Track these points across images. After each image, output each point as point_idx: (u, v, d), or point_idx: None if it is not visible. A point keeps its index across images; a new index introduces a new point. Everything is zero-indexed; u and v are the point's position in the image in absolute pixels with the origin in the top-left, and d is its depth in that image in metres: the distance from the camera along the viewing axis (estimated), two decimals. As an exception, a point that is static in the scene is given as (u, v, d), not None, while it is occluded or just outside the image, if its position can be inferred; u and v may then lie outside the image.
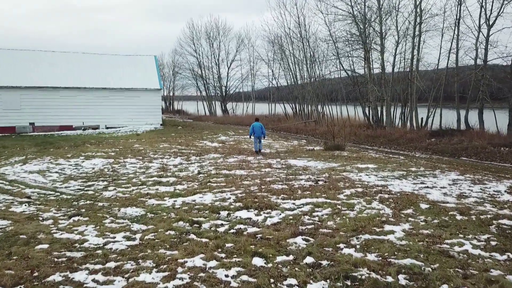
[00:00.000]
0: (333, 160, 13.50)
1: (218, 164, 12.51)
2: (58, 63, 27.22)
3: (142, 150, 16.05)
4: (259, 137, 15.20)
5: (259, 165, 12.17)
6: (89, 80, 26.71)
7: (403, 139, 19.98)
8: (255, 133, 15.16)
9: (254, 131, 15.18)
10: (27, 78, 25.38)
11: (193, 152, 15.36)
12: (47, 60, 27.17)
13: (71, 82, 26.18)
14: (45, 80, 25.65)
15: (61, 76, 26.32)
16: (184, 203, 7.84)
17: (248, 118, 36.72)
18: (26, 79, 25.27)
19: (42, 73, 26.07)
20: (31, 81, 25.31)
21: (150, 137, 20.92)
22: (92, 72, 27.52)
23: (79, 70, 27.30)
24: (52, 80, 25.84)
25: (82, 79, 26.61)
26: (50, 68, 26.63)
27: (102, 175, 11.03)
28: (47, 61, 27.13)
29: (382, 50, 23.72)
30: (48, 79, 25.76)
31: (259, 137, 15.20)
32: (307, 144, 19.33)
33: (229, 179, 9.89)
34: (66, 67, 27.13)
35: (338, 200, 7.75)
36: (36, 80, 25.47)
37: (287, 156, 14.57)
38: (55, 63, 27.15)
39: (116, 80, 27.41)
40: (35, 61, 26.85)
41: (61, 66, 27.05)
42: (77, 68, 27.43)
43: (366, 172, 10.91)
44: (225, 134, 23.26)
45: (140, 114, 27.55)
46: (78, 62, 27.99)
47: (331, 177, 10.01)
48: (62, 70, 26.78)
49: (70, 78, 26.37)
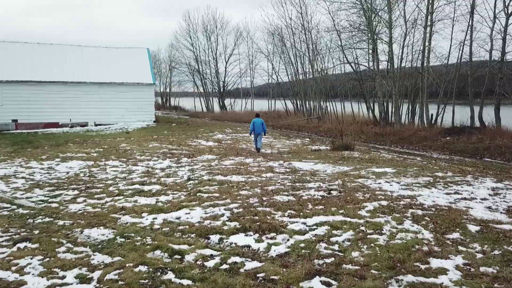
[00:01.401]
0: (343, 162, 11.88)
1: (212, 167, 10.88)
2: (43, 56, 25.45)
3: (129, 150, 14.41)
4: (259, 133, 14.06)
5: (259, 169, 10.54)
6: (77, 74, 24.97)
7: (415, 138, 18.39)
8: (255, 130, 14.02)
9: (254, 127, 14.01)
10: (9, 71, 23.62)
11: (185, 153, 13.73)
12: (31, 53, 25.40)
13: (58, 76, 24.43)
14: (29, 74, 23.89)
15: (47, 69, 24.55)
16: (166, 222, 6.22)
17: (246, 115, 35.09)
18: (8, 72, 23.50)
19: (25, 66, 24.31)
20: (13, 75, 23.55)
21: (140, 136, 19.27)
22: (80, 65, 25.78)
23: (66, 63, 25.54)
24: (37, 74, 24.08)
25: (69, 73, 24.86)
26: (35, 61, 24.86)
27: (75, 181, 9.39)
28: (32, 54, 25.36)
29: (390, 41, 22.07)
30: (33, 73, 24.01)
31: (259, 133, 14.06)
32: (311, 143, 17.71)
33: (224, 188, 8.26)
34: (52, 60, 25.37)
35: (360, 218, 6.13)
36: (19, 74, 23.71)
37: (290, 157, 12.95)
38: (40, 56, 25.38)
39: (106, 74, 25.68)
40: (18, 53, 25.08)
41: (46, 59, 25.28)
42: (64, 61, 25.67)
43: (385, 178, 9.30)
44: (222, 132, 21.63)
45: (131, 110, 25.84)
46: (65, 55, 26.23)
47: (346, 185, 8.39)
48: (48, 63, 25.01)
49: (56, 72, 24.62)
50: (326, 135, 22.26)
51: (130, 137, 18.92)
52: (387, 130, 20.45)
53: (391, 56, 22.03)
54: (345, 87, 28.59)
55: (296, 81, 30.79)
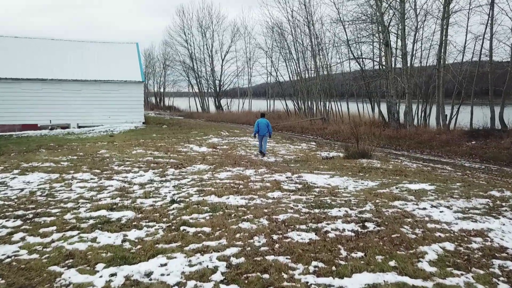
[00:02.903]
0: (364, 174, 9.77)
1: (204, 183, 8.72)
2: (20, 51, 23.18)
3: (107, 158, 12.21)
4: (263, 135, 12.83)
5: (263, 185, 8.40)
6: (58, 70, 22.72)
7: (436, 142, 16.30)
8: (259, 131, 12.83)
9: (259, 128, 12.82)
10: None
11: (172, 162, 11.55)
12: (7, 47, 23.11)
13: (36, 73, 22.18)
14: (4, 70, 21.62)
15: (24, 66, 22.31)
16: (129, 283, 4.06)
17: (244, 115, 32.94)
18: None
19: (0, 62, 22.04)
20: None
21: (125, 139, 17.06)
22: (62, 61, 23.54)
23: (46, 59, 23.30)
24: (13, 70, 21.82)
25: (49, 69, 22.62)
26: (10, 56, 22.60)
27: (26, 203, 7.20)
28: (7, 48, 23.07)
29: (403, 34, 19.96)
30: (7, 69, 21.74)
31: (263, 135, 12.83)
32: (319, 148, 15.59)
33: (218, 218, 6.10)
34: (30, 55, 23.10)
35: (426, 278, 4.00)
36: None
37: (299, 168, 10.81)
38: (17, 51, 23.12)
39: (91, 71, 23.47)
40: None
41: (23, 54, 23.03)
42: (44, 56, 23.42)
43: (428, 199, 7.18)
44: (218, 135, 19.47)
45: (119, 110, 23.63)
46: (45, 50, 23.98)
47: (382, 213, 6.26)
48: (25, 59, 22.76)
49: (35, 68, 22.36)
50: (333, 138, 20.16)
51: (113, 141, 16.70)
52: (401, 133, 18.36)
53: (404, 51, 19.93)
54: (352, 85, 26.45)
55: (298, 79, 28.57)
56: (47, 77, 22.10)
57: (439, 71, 19.45)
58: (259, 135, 12.99)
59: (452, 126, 21.11)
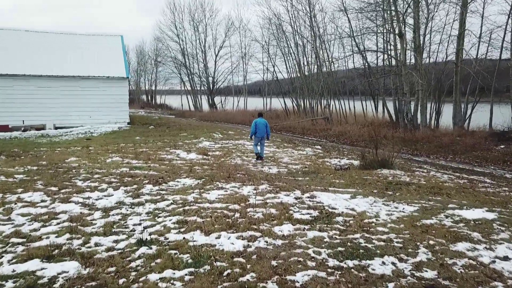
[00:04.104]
0: (394, 193, 7.70)
1: (188, 207, 6.59)
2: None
3: (74, 169, 10.02)
4: (262, 137, 11.66)
5: (266, 212, 6.28)
6: (32, 65, 20.40)
7: (459, 146, 14.28)
8: (257, 133, 11.62)
9: (256, 129, 11.59)
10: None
11: (152, 174, 9.40)
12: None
13: (7, 67, 19.86)
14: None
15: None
16: None
17: (239, 115, 30.79)
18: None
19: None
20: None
21: (102, 143, 14.85)
22: (37, 55, 21.22)
23: (19, 52, 20.95)
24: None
25: (22, 64, 20.28)
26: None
27: None
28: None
29: (416, 24, 17.89)
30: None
31: (262, 137, 11.66)
32: (326, 154, 13.49)
33: (203, 281, 3.97)
34: (0, 48, 20.75)
35: None
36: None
37: (309, 182, 8.69)
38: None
39: (70, 66, 21.16)
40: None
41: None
42: (16, 50, 21.07)
43: (501, 238, 5.11)
44: (210, 138, 17.31)
45: (100, 110, 21.39)
46: (18, 42, 21.62)
47: (449, 268, 4.17)
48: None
49: (5, 63, 20.03)
50: (339, 141, 18.09)
51: (89, 145, 14.50)
52: (416, 135, 16.32)
53: (417, 43, 17.87)
54: (361, 82, 24.34)
55: (300, 75, 26.33)
56: (19, 73, 19.78)
57: (457, 66, 17.44)
58: (256, 137, 11.71)
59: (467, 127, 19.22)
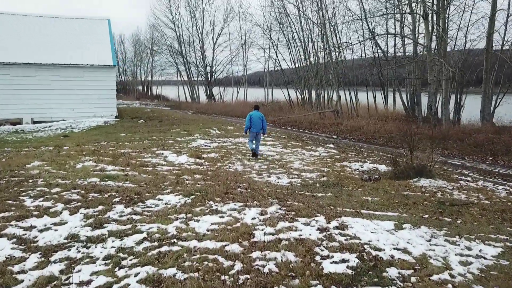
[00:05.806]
0: (454, 220, 5.60)
1: (167, 250, 4.48)
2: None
3: (30, 179, 7.86)
4: (257, 132, 10.68)
5: (282, 261, 4.16)
6: (7, 51, 18.15)
7: (498, 145, 12.15)
8: (252, 127, 10.63)
9: (251, 123, 10.62)
10: None
11: (128, 187, 7.25)
12: None
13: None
14: None
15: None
16: None
17: (239, 106, 28.57)
18: None
19: None
20: None
21: (79, 142, 12.67)
22: (13, 40, 18.96)
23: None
24: None
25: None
26: None
27: None
28: None
29: (441, 3, 15.58)
30: None
31: (257, 132, 10.68)
32: (342, 155, 11.35)
33: None
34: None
35: None
36: None
37: (333, 200, 6.55)
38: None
39: (49, 53, 18.90)
40: None
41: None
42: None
43: None
44: (205, 134, 15.14)
45: (84, 102, 19.20)
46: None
47: None
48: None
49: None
50: (352, 138, 15.94)
51: (63, 144, 12.33)
52: (444, 131, 14.15)
53: (443, 25, 15.59)
54: (371, 71, 22.09)
55: (307, 63, 23.97)
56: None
57: (489, 52, 15.22)
58: (251, 132, 10.68)
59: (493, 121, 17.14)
